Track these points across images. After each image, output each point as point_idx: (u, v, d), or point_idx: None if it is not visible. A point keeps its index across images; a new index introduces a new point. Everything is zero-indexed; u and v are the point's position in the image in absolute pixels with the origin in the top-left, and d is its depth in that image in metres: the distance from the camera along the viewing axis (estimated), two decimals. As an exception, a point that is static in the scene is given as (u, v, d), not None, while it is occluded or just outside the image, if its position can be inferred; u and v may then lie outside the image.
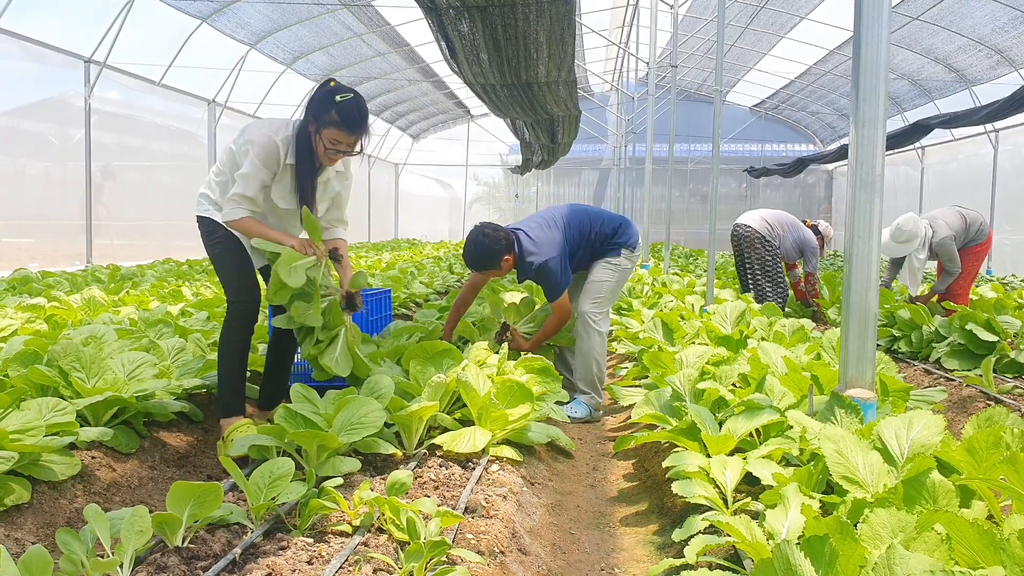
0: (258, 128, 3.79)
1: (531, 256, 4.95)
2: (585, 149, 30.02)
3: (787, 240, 8.13)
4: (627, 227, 5.34)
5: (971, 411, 4.84)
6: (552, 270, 4.95)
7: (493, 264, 4.95)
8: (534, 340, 5.26)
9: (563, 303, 5.07)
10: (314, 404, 3.47)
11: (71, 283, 8.76)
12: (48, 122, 12.37)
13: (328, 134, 3.69)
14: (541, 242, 5.00)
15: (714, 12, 11.17)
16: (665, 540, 3.12)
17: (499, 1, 6.07)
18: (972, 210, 7.76)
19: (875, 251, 3.23)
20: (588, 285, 5.24)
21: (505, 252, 4.94)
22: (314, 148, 3.76)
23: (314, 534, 2.64)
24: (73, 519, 2.99)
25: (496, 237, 4.92)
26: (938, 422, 2.71)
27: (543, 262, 4.93)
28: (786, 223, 8.22)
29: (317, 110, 3.69)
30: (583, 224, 5.22)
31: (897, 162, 22.04)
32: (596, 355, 5.19)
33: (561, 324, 5.19)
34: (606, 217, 5.34)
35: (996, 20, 14.24)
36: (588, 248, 5.24)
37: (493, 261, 4.93)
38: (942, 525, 1.95)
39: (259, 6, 14.00)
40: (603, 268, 5.24)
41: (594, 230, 5.23)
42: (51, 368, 3.69)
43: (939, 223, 7.58)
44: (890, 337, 7.01)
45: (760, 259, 8.01)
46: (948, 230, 7.51)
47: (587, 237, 5.22)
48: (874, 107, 3.17)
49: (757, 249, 8.01)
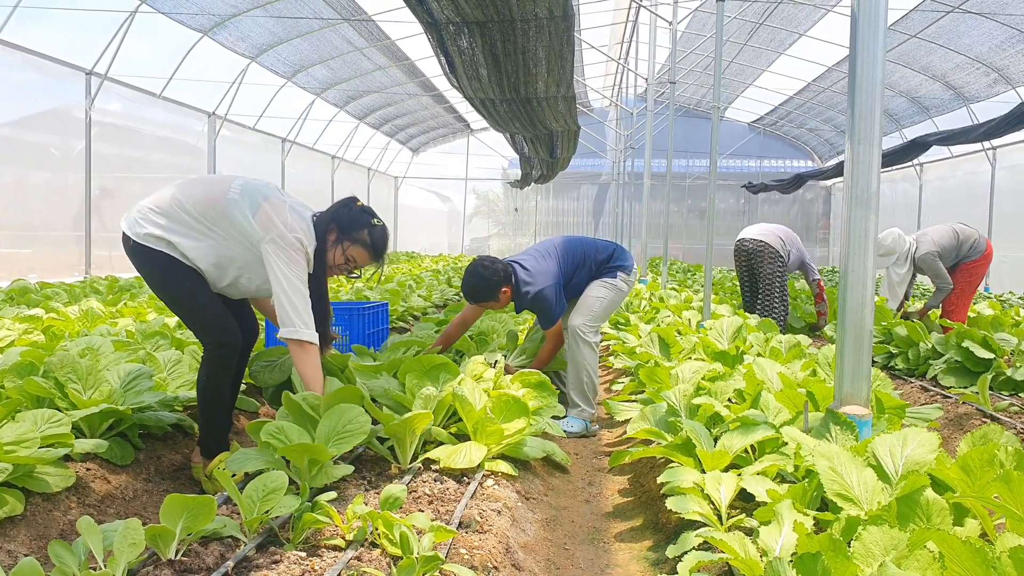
0: (292, 228, 3.52)
1: (527, 286, 5.04)
2: (584, 164, 30.07)
3: (793, 253, 8.22)
4: (621, 252, 5.41)
5: (967, 428, 4.84)
6: (547, 298, 5.04)
7: (491, 296, 5.03)
8: (531, 368, 5.24)
9: (558, 331, 5.21)
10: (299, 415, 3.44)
11: (69, 294, 8.76)
12: (49, 133, 12.39)
13: (354, 251, 3.72)
14: (536, 272, 5.09)
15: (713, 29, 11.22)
16: (660, 556, 3.11)
17: (498, 17, 6.10)
18: (968, 227, 7.78)
19: (871, 268, 3.24)
20: (582, 301, 5.27)
21: (503, 284, 5.02)
22: (326, 256, 3.70)
23: (307, 548, 2.64)
24: (67, 531, 2.98)
25: (494, 269, 5.01)
26: (932, 440, 2.71)
27: (539, 291, 5.03)
28: (791, 236, 8.34)
29: (349, 225, 3.69)
30: (577, 254, 5.31)
31: (896, 178, 22.10)
32: (587, 367, 5.20)
33: (556, 350, 5.32)
34: (600, 245, 5.43)
35: (994, 39, 14.30)
36: (586, 276, 5.32)
37: (491, 293, 5.01)
38: (935, 543, 1.94)
39: (260, 20, 14.05)
40: (599, 286, 5.27)
41: (588, 258, 5.32)
42: (47, 380, 3.69)
43: (924, 239, 7.67)
44: (887, 354, 7.01)
45: (771, 274, 8.03)
46: (932, 246, 7.56)
47: (582, 265, 5.30)
48: (869, 125, 3.19)
49: (768, 264, 8.01)
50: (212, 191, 3.57)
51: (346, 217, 3.71)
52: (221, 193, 3.55)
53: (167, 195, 3.56)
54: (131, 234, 3.51)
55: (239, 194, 3.55)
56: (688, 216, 30.16)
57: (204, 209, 3.52)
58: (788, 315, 8.25)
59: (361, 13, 15.05)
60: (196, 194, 3.55)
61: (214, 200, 3.53)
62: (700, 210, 29.67)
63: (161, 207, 3.53)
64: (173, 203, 3.53)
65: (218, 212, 3.52)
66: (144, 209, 3.54)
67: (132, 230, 3.51)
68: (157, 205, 3.53)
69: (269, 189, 3.65)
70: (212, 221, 3.52)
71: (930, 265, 7.53)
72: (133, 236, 3.50)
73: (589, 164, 30.53)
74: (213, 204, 3.52)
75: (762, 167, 29.57)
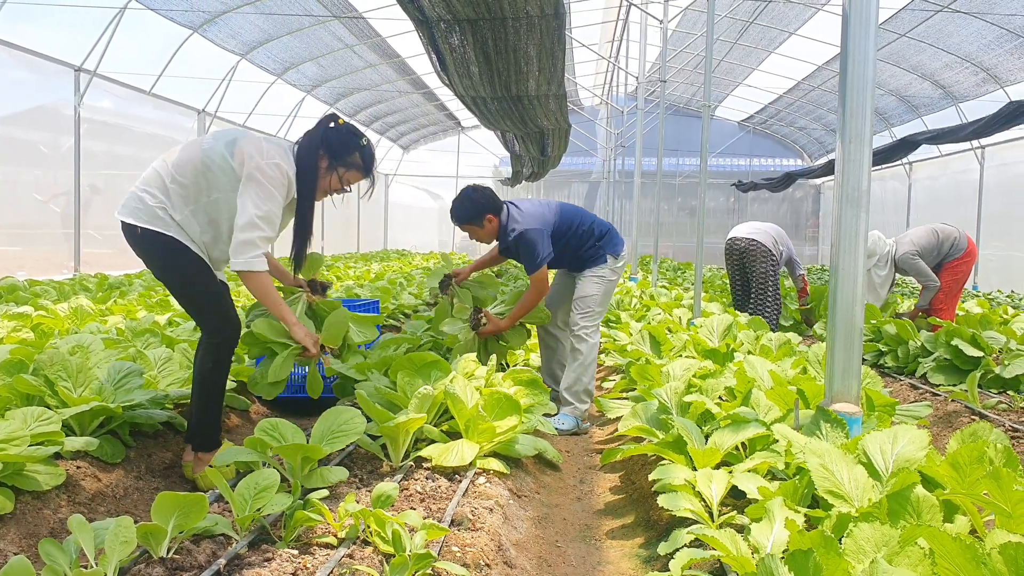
0: (269, 155, 3.50)
1: (515, 224, 5.02)
2: (575, 162, 30.11)
3: (785, 253, 8.27)
4: (614, 234, 5.39)
5: (956, 426, 4.87)
6: (533, 240, 4.98)
7: (476, 219, 5.01)
8: (511, 316, 5.20)
9: (541, 277, 5.07)
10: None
11: (59, 292, 8.72)
12: (38, 130, 12.32)
13: (349, 176, 3.74)
14: (527, 214, 5.08)
15: (703, 27, 11.23)
16: (651, 553, 3.12)
17: (490, 15, 6.10)
18: (949, 226, 7.84)
19: (861, 266, 3.26)
20: (577, 301, 5.27)
21: (489, 211, 5.00)
22: (318, 183, 3.68)
23: (299, 546, 2.63)
24: (57, 529, 2.97)
25: (485, 194, 5.03)
26: (922, 437, 2.73)
27: (525, 230, 4.99)
28: (783, 235, 8.36)
29: (339, 150, 3.66)
30: (573, 217, 5.26)
31: (885, 177, 22.19)
32: (589, 368, 5.23)
33: (539, 298, 5.15)
34: (596, 220, 5.39)
35: (983, 38, 14.37)
36: (575, 244, 5.24)
37: (476, 217, 5.00)
38: (925, 540, 1.96)
39: (250, 17, 14.01)
40: (590, 282, 5.26)
41: (583, 227, 5.26)
42: (37, 377, 3.68)
43: (904, 241, 7.76)
44: (877, 352, 7.04)
45: (763, 273, 8.04)
46: (911, 247, 7.64)
47: (574, 231, 5.23)
48: (861, 123, 3.20)
49: (761, 263, 8.02)
50: (189, 150, 3.55)
51: (336, 142, 3.66)
52: (196, 147, 3.55)
53: (151, 172, 3.55)
54: (134, 221, 3.49)
55: (212, 141, 3.55)
56: (678, 214, 30.22)
57: (186, 170, 3.49)
58: (780, 314, 8.28)
59: (352, 10, 15.02)
60: (178, 160, 3.52)
61: (192, 157, 3.51)
62: (690, 208, 29.75)
63: (150, 183, 3.52)
64: (160, 176, 3.51)
65: (201, 166, 3.50)
66: (137, 193, 3.52)
67: (134, 217, 3.50)
68: (146, 183, 3.52)
69: (240, 131, 3.62)
70: (196, 179, 3.49)
71: (912, 265, 7.59)
72: (136, 222, 3.49)
73: (580, 162, 30.57)
74: (193, 161, 3.50)
75: (752, 166, 29.65)
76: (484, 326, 5.16)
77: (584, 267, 5.30)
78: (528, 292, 5.14)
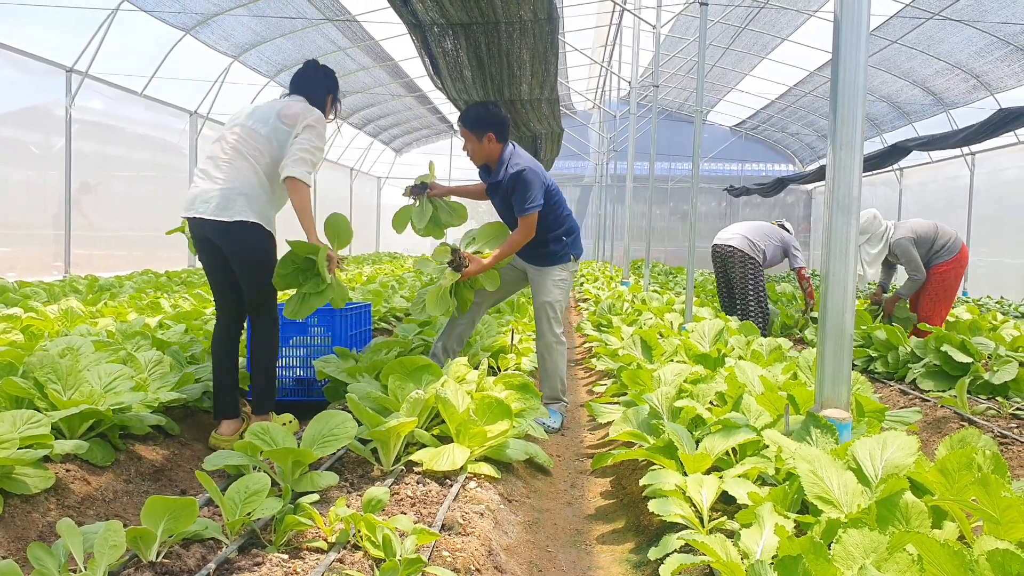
0: (309, 110, 4.26)
1: (518, 160, 4.95)
2: (568, 166, 30.15)
3: (770, 248, 8.20)
4: (579, 237, 5.41)
5: (946, 432, 4.89)
6: (531, 181, 4.91)
7: (479, 127, 4.94)
8: (495, 255, 5.04)
9: (531, 220, 4.96)
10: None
11: (49, 293, 8.69)
12: (29, 131, 12.28)
13: (337, 106, 4.62)
14: (533, 160, 5.03)
15: (696, 33, 11.26)
16: (641, 558, 3.12)
17: (483, 19, 6.10)
18: (950, 228, 7.83)
19: (851, 272, 3.27)
20: (544, 306, 5.24)
21: (494, 128, 4.94)
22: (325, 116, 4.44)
23: (289, 550, 2.63)
24: (46, 533, 2.96)
25: (498, 115, 5.00)
26: (911, 443, 2.74)
27: (527, 169, 4.91)
28: (764, 232, 8.30)
29: (335, 85, 4.54)
30: (560, 199, 5.22)
31: (876, 183, 22.28)
32: (560, 371, 5.33)
33: (525, 240, 5.02)
34: (572, 216, 5.34)
35: (973, 45, 14.45)
36: (547, 225, 5.12)
37: (480, 124, 4.94)
38: (914, 546, 1.96)
39: (243, 19, 13.99)
40: (554, 285, 5.24)
41: (562, 212, 5.20)
42: (26, 380, 3.67)
43: (903, 226, 7.67)
44: (867, 358, 7.07)
45: (743, 278, 8.06)
46: (909, 232, 7.56)
47: (554, 209, 5.14)
48: (851, 130, 3.21)
49: (739, 268, 8.05)
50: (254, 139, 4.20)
51: (334, 80, 4.55)
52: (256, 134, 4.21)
53: (234, 168, 4.13)
54: (253, 219, 4.07)
55: (261, 121, 4.24)
56: (670, 219, 30.27)
57: (261, 152, 4.18)
58: (769, 318, 8.26)
59: (345, 13, 15.01)
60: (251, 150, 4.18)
61: (263, 146, 4.19)
62: (682, 213, 29.79)
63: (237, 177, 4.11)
64: (244, 171, 4.13)
65: (270, 145, 4.20)
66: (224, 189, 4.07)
67: (234, 212, 4.04)
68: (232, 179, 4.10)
69: (272, 103, 4.40)
70: (273, 158, 4.19)
71: (904, 250, 7.51)
72: (227, 219, 4.03)
73: (572, 166, 30.61)
74: (266, 146, 4.19)
75: (744, 171, 29.73)
76: (467, 266, 4.94)
77: (546, 262, 5.22)
78: (516, 232, 5.01)
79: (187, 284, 11.30)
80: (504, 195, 5.06)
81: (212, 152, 4.22)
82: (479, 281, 5.11)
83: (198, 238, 4.23)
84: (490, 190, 5.19)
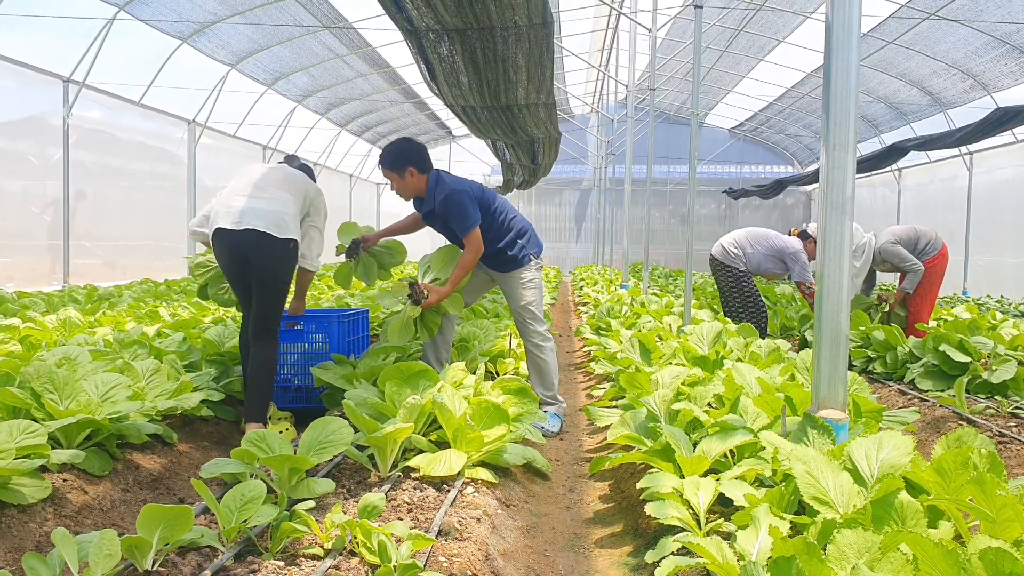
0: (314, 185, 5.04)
1: (444, 185, 4.99)
2: (566, 170, 30.15)
3: (756, 256, 7.95)
4: (534, 235, 5.41)
5: (944, 431, 4.88)
6: (462, 201, 4.94)
7: (397, 165, 4.96)
8: (452, 280, 5.03)
9: (475, 237, 4.97)
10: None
11: (47, 303, 8.69)
12: (27, 141, 12.29)
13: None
14: (457, 179, 5.11)
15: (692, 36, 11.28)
16: (639, 562, 3.12)
17: (478, 24, 6.10)
18: (929, 229, 7.93)
19: (846, 273, 3.27)
20: (520, 309, 5.29)
21: (414, 164, 4.95)
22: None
23: (285, 557, 2.63)
24: (43, 543, 2.96)
25: (414, 148, 5.02)
26: (907, 443, 2.73)
27: (454, 190, 4.95)
28: (753, 238, 8.01)
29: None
30: (496, 200, 5.23)
31: (875, 183, 22.29)
32: (552, 368, 5.36)
33: (475, 258, 5.04)
34: (518, 215, 5.36)
35: (969, 45, 14.46)
36: (496, 231, 5.15)
37: (398, 163, 4.95)
38: (907, 545, 1.96)
39: (240, 27, 14.01)
40: (522, 287, 5.27)
41: (507, 216, 5.22)
42: (23, 390, 3.67)
43: (884, 232, 7.84)
44: (865, 358, 7.06)
45: (727, 286, 8.01)
46: (891, 236, 7.74)
47: (495, 215, 5.16)
48: (844, 131, 3.21)
49: (721, 276, 8.07)
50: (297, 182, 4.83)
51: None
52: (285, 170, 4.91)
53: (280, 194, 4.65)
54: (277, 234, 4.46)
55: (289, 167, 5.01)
56: (670, 221, 30.27)
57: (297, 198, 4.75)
58: (764, 319, 8.14)
59: (342, 20, 15.03)
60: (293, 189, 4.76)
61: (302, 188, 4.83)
62: (681, 215, 29.79)
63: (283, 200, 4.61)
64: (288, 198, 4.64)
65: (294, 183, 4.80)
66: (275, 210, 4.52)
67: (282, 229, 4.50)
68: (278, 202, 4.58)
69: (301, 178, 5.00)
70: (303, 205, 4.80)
71: (893, 253, 7.62)
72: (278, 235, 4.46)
73: (571, 170, 30.61)
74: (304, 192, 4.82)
75: (743, 173, 29.74)
76: (427, 298, 4.96)
77: (508, 267, 5.26)
78: (464, 253, 5.02)
79: (186, 293, 11.30)
80: (442, 220, 5.10)
81: (253, 178, 4.67)
82: (443, 306, 5.13)
83: (234, 251, 4.48)
84: (427, 219, 5.24)
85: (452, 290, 5.04)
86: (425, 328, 5.13)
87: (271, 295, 4.58)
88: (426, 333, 5.14)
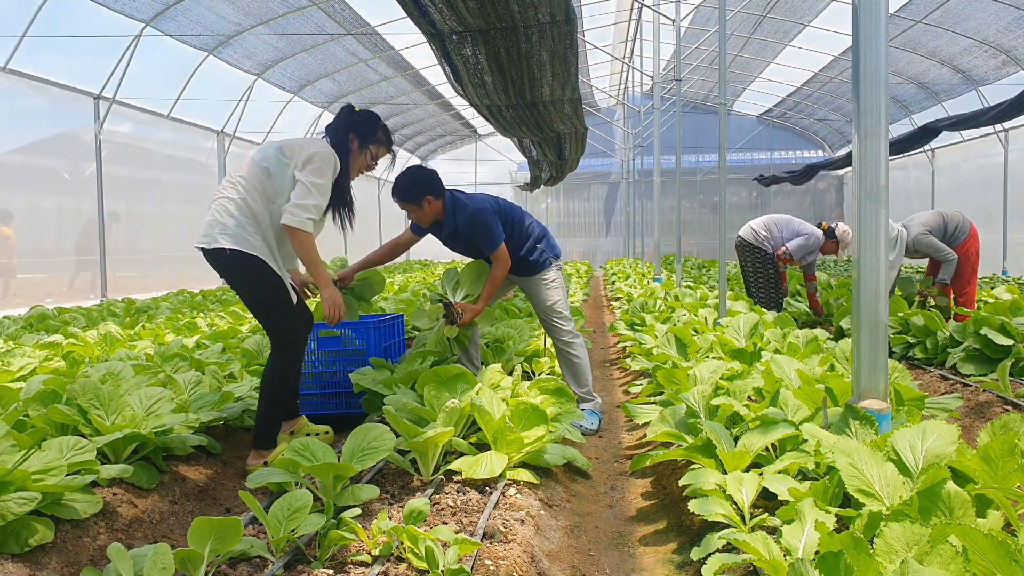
0: (315, 144, 4.08)
1: (463, 206, 5.01)
2: (593, 164, 30.07)
3: (781, 239, 8.28)
4: (551, 237, 5.44)
5: (988, 417, 4.82)
6: (487, 220, 4.97)
7: (414, 197, 4.96)
8: (484, 297, 5.13)
9: (502, 253, 5.03)
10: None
11: (87, 318, 8.84)
12: (60, 158, 12.51)
13: (378, 151, 4.37)
14: (476, 198, 5.11)
15: (717, 24, 11.20)
16: (684, 559, 3.12)
17: (501, 24, 6.12)
18: (954, 211, 7.93)
19: (882, 261, 3.24)
20: (545, 310, 5.32)
21: (430, 192, 4.96)
22: (351, 163, 4.24)
23: (334, 565, 2.66)
24: (96, 557, 3.01)
25: (427, 176, 5.03)
26: (951, 431, 2.71)
27: (477, 210, 4.98)
28: (779, 223, 8.36)
29: (366, 130, 4.28)
30: (513, 211, 5.26)
31: (908, 165, 21.99)
32: (585, 364, 5.37)
33: (505, 271, 5.10)
34: (534, 220, 5.40)
35: (1000, 20, 14.22)
36: (516, 240, 5.21)
37: (415, 194, 4.95)
38: (956, 537, 1.95)
39: (264, 37, 14.14)
40: (545, 289, 5.30)
41: (523, 223, 5.26)
42: (70, 407, 3.73)
43: (913, 223, 7.81)
44: (905, 344, 6.98)
45: (752, 267, 8.40)
46: (922, 227, 7.71)
47: (515, 225, 5.21)
48: (875, 119, 3.19)
49: (748, 257, 8.38)
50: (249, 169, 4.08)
51: (362, 123, 4.27)
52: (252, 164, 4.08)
53: (227, 201, 4.00)
54: (226, 244, 3.91)
55: (261, 152, 4.12)
56: (700, 211, 30.08)
57: (252, 186, 4.01)
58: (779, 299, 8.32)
59: (364, 25, 15.12)
60: (245, 182, 4.03)
61: (254, 173, 4.04)
62: (712, 205, 29.59)
63: (229, 210, 3.97)
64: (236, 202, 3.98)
65: (263, 174, 4.03)
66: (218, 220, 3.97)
67: (225, 241, 3.92)
68: (225, 211, 3.97)
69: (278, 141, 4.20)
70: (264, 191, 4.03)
71: (927, 244, 7.63)
72: (226, 245, 3.91)
73: (598, 164, 30.53)
74: (256, 176, 4.03)
75: (772, 159, 29.49)
76: (462, 317, 5.05)
77: (531, 272, 5.30)
78: (494, 269, 5.10)
79: (222, 302, 11.43)
80: (466, 239, 5.13)
81: None
82: (474, 321, 5.24)
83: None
84: (448, 241, 5.25)
85: (484, 307, 5.18)
86: (458, 343, 5.24)
87: (247, 304, 4.17)
88: (458, 347, 5.24)
